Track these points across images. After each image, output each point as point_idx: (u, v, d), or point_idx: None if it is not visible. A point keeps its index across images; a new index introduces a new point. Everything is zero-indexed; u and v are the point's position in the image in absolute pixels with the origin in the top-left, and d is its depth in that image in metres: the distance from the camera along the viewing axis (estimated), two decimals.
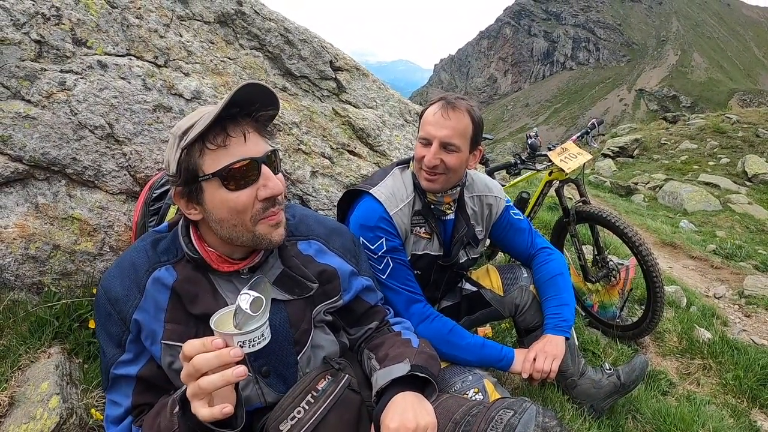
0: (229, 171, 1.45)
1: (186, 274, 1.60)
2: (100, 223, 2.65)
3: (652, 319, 3.77)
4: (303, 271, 1.72)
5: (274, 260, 1.71)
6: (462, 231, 2.55)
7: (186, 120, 1.53)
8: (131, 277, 1.59)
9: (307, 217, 1.92)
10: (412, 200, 2.47)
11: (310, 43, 3.55)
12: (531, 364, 2.31)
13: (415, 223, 2.49)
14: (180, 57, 3.03)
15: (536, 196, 4.48)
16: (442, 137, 2.26)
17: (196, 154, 1.46)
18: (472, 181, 2.66)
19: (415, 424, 1.50)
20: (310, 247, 1.82)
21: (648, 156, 19.73)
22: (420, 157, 2.33)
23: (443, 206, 2.48)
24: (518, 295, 2.69)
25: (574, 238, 4.09)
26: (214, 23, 3.26)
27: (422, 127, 2.35)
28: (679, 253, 7.97)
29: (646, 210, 12.29)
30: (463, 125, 2.30)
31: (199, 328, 1.56)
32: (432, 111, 2.32)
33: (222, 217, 1.51)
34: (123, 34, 2.87)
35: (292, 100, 3.40)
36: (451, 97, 2.35)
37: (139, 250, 1.65)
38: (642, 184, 15.58)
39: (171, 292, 1.58)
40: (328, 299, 1.77)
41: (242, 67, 3.26)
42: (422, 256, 2.53)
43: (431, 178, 2.35)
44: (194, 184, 1.50)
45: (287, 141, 3.21)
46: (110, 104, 2.68)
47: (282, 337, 1.64)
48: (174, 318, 1.56)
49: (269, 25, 3.41)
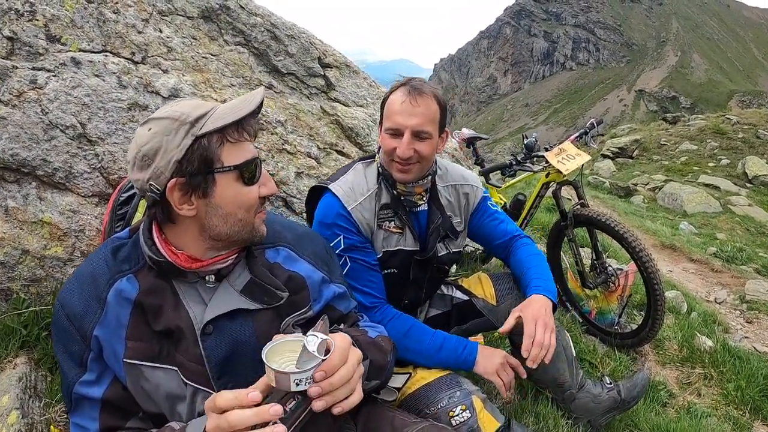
0: (247, 165, 1.47)
1: (149, 284, 1.49)
2: (71, 227, 2.56)
3: (652, 327, 3.64)
4: (271, 279, 1.61)
5: (242, 269, 1.60)
6: (437, 221, 2.40)
7: (190, 108, 1.44)
8: (91, 290, 1.48)
9: (275, 222, 1.79)
10: (375, 193, 2.33)
11: (298, 39, 3.43)
12: (505, 370, 2.21)
13: (383, 218, 2.34)
14: (159, 53, 2.93)
15: (532, 199, 4.35)
16: (413, 126, 2.13)
17: (216, 143, 1.43)
18: (446, 171, 2.53)
19: None
20: (278, 255, 1.71)
21: (648, 157, 19.59)
22: (390, 149, 2.19)
23: (414, 197, 2.33)
24: (513, 304, 2.50)
25: (571, 242, 3.95)
26: (197, 18, 3.16)
27: (388, 117, 2.20)
28: (679, 256, 7.82)
29: (646, 211, 12.15)
30: (432, 111, 2.17)
31: (162, 345, 1.46)
32: (398, 99, 2.17)
33: (230, 211, 1.48)
34: (99, 30, 2.77)
35: (277, 98, 3.29)
36: (415, 82, 2.21)
37: (99, 260, 1.54)
38: (641, 185, 15.45)
39: (133, 306, 1.47)
40: (296, 310, 1.65)
41: (225, 63, 3.15)
42: (396, 252, 2.37)
43: (405, 168, 2.21)
44: (206, 175, 1.43)
45: (271, 141, 3.10)
46: (83, 103, 2.59)
47: (249, 351, 1.51)
48: (135, 335, 1.45)
49: (255, 20, 3.30)
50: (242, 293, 1.54)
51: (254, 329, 1.54)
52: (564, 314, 4.07)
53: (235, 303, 1.51)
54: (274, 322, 1.58)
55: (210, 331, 1.48)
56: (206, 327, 1.47)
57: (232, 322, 1.51)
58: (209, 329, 1.48)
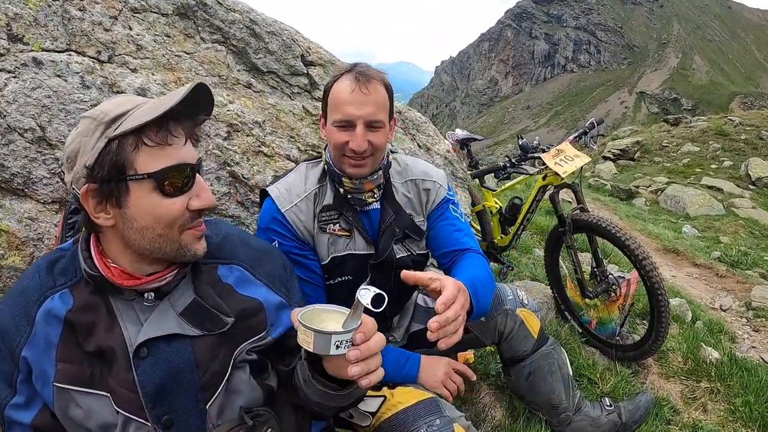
0: (166, 174, 1.30)
1: (83, 300, 1.38)
2: (29, 236, 2.42)
3: (655, 340, 3.44)
4: (217, 302, 1.45)
5: (186, 287, 1.44)
6: (388, 219, 2.18)
7: (113, 105, 1.31)
8: (21, 307, 1.39)
9: (232, 236, 1.64)
10: (314, 194, 2.15)
11: (279, 36, 3.25)
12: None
13: (326, 220, 2.14)
14: (127, 51, 2.76)
15: (529, 203, 4.17)
16: (366, 116, 1.96)
17: (129, 147, 1.28)
18: (406, 166, 2.33)
19: None
20: (231, 274, 1.55)
21: (649, 159, 19.49)
22: (341, 143, 2.00)
23: (364, 194, 2.13)
24: (502, 320, 2.33)
25: (570, 249, 3.76)
26: (172, 15, 2.99)
27: (336, 109, 2.01)
28: (683, 260, 7.66)
29: (648, 214, 12.02)
30: (382, 97, 2.02)
31: (94, 367, 1.35)
32: (346, 88, 1.98)
33: (147, 225, 1.32)
34: (63, 28, 2.62)
35: (256, 97, 3.11)
36: (361, 67, 2.03)
37: (33, 274, 1.45)
38: (643, 188, 15.33)
39: (63, 324, 1.36)
40: (253, 336, 1.50)
41: (200, 62, 2.98)
42: (345, 257, 2.17)
43: (360, 163, 2.03)
44: (118, 183, 1.29)
45: (246, 142, 2.92)
46: (42, 105, 2.44)
47: (186, 381, 1.37)
48: (66, 356, 1.35)
49: (233, 17, 3.12)
50: (182, 315, 1.40)
51: (194, 355, 1.39)
52: (562, 325, 3.89)
53: (171, 326, 1.37)
54: (218, 348, 1.43)
55: (144, 355, 1.34)
56: (140, 350, 1.33)
57: (169, 346, 1.36)
58: (143, 352, 1.34)
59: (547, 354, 2.41)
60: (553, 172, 3.68)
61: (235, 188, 2.88)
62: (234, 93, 3.04)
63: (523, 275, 4.95)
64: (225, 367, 1.43)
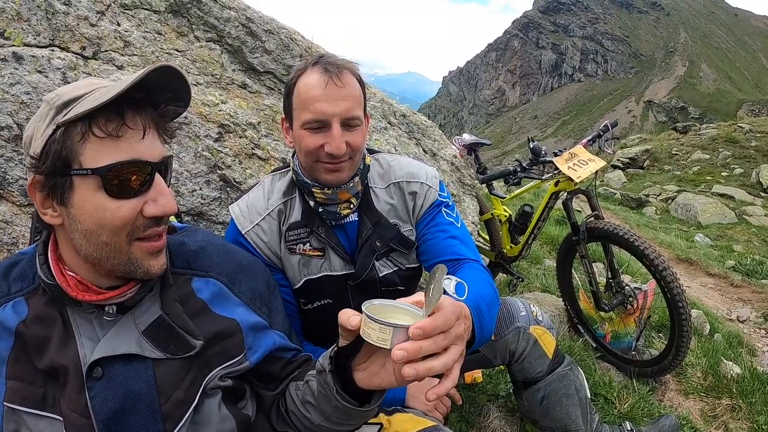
0: (115, 171, 1.11)
1: (37, 311, 1.24)
2: (3, 240, 2.32)
3: (676, 355, 3.26)
4: (185, 322, 1.27)
5: (152, 302, 1.27)
6: (365, 233, 1.91)
7: (70, 88, 1.15)
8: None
9: (212, 245, 1.46)
10: (278, 210, 1.91)
11: (277, 35, 3.11)
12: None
13: (293, 240, 1.89)
14: (114, 48, 2.65)
15: (540, 210, 4.00)
16: (342, 113, 1.70)
17: (76, 137, 1.10)
18: (389, 167, 2.05)
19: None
20: (206, 288, 1.37)
21: (659, 167, 19.39)
22: (314, 147, 1.74)
23: (339, 206, 1.87)
24: (514, 339, 2.11)
25: (584, 258, 3.58)
26: (165, 12, 2.88)
27: (306, 107, 1.73)
28: (697, 270, 7.51)
29: (659, 223, 11.91)
30: (357, 91, 1.76)
31: (47, 386, 1.22)
32: (315, 82, 1.72)
33: (90, 229, 1.14)
34: (47, 23, 2.51)
35: (251, 98, 2.97)
36: (330, 58, 1.77)
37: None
38: (653, 196, 15.22)
39: (14, 337, 1.23)
40: (227, 360, 1.33)
41: (191, 60, 2.85)
42: (321, 279, 1.92)
43: (338, 167, 1.77)
44: (62, 177, 1.12)
45: (239, 144, 2.78)
46: (21, 101, 2.33)
47: (144, 408, 1.21)
48: (17, 373, 1.22)
49: (229, 14, 2.99)
50: (145, 334, 1.23)
51: (154, 380, 1.23)
52: (575, 340, 3.71)
53: (130, 346, 1.21)
54: (185, 373, 1.26)
55: (98, 375, 1.19)
56: (93, 369, 1.18)
57: (127, 368, 1.21)
58: (97, 372, 1.19)
59: (564, 375, 2.21)
60: (567, 177, 3.49)
61: (226, 193, 2.73)
62: (228, 93, 2.89)
63: (534, 287, 4.79)
64: (192, 394, 1.27)
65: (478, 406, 2.75)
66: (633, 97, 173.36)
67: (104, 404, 1.18)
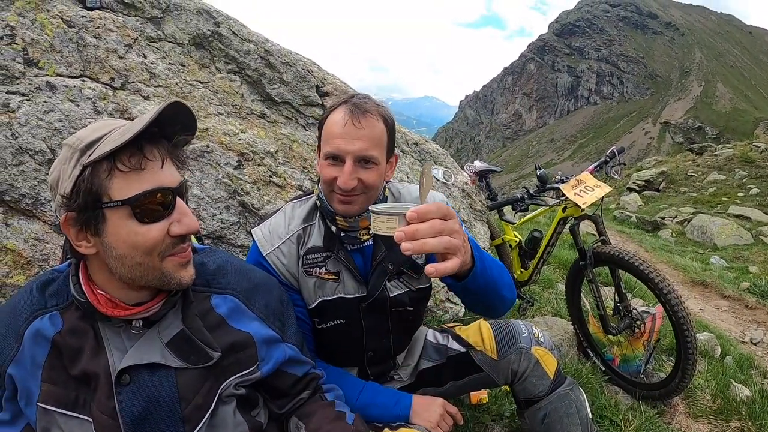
0: (142, 200, 1.24)
1: (71, 324, 1.36)
2: (35, 256, 2.45)
3: (682, 378, 3.27)
4: (205, 335, 1.41)
5: (175, 317, 1.40)
6: (379, 256, 2.02)
7: (89, 131, 1.27)
8: (9, 325, 1.38)
9: (230, 265, 1.59)
10: (297, 236, 2.02)
11: (294, 66, 3.24)
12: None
13: (311, 263, 2.00)
14: (140, 79, 2.78)
15: (549, 236, 4.05)
16: (356, 152, 1.81)
17: (103, 174, 1.22)
18: (399, 195, 2.18)
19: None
20: (224, 304, 1.50)
21: (675, 189, 19.24)
22: (329, 179, 1.86)
23: (359, 232, 1.98)
24: (516, 359, 2.18)
25: (592, 283, 3.62)
26: (188, 45, 3.02)
27: (327, 141, 1.86)
28: (711, 292, 7.44)
29: (675, 246, 11.78)
30: (378, 133, 1.85)
31: (79, 390, 1.33)
32: (338, 120, 1.85)
33: (125, 253, 1.27)
34: (78, 55, 2.66)
35: (270, 127, 3.09)
36: (358, 99, 1.89)
37: (25, 294, 1.43)
38: (669, 219, 15.09)
39: (51, 345, 1.35)
40: (241, 370, 1.46)
41: (213, 91, 2.97)
42: (335, 301, 2.02)
43: (348, 199, 1.87)
44: (94, 211, 1.24)
45: (257, 172, 2.89)
46: (54, 128, 2.48)
47: (166, 411, 1.33)
48: (51, 377, 1.34)
49: (248, 47, 3.13)
50: (168, 346, 1.36)
51: (176, 387, 1.35)
52: (584, 363, 3.73)
53: (155, 356, 1.33)
54: (203, 381, 1.39)
55: (126, 382, 1.31)
56: (122, 376, 1.31)
57: (152, 375, 1.33)
58: (125, 379, 1.31)
59: (564, 395, 2.26)
60: (573, 203, 3.56)
61: (244, 218, 2.84)
62: (247, 122, 3.01)
63: (545, 311, 4.80)
64: (209, 400, 1.39)
65: (482, 425, 2.79)
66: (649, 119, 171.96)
67: (131, 407, 1.30)
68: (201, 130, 2.83)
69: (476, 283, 1.62)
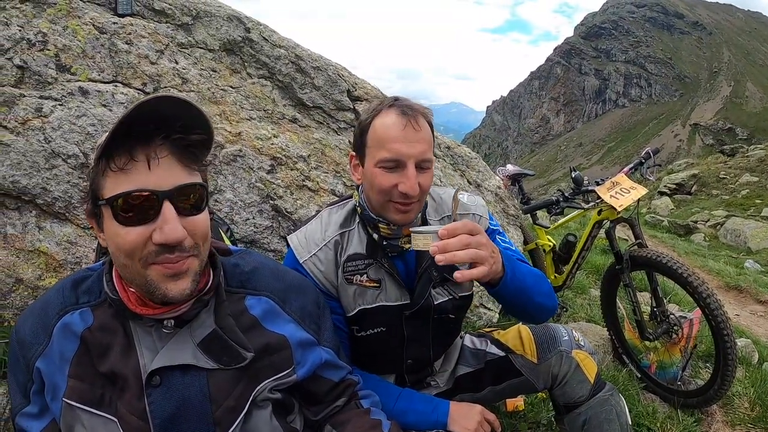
0: (120, 201, 1.18)
1: (102, 321, 1.34)
2: (67, 259, 2.50)
3: (721, 385, 3.17)
4: (237, 335, 1.36)
5: (207, 316, 1.36)
6: (425, 263, 1.96)
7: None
8: (41, 320, 1.37)
9: (265, 267, 1.55)
10: (335, 242, 1.96)
11: (325, 71, 3.25)
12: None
13: (352, 270, 1.95)
14: (172, 84, 2.82)
15: (584, 239, 3.99)
16: (417, 155, 1.75)
17: (100, 173, 1.21)
18: (440, 201, 2.11)
19: None
20: (258, 305, 1.46)
21: (707, 192, 18.95)
22: (388, 187, 1.77)
23: (401, 240, 1.91)
24: (556, 363, 2.13)
25: (628, 288, 3.55)
26: (219, 51, 3.05)
27: (383, 146, 1.78)
28: (746, 297, 7.34)
29: (708, 250, 11.58)
30: (430, 135, 1.81)
31: (105, 388, 1.30)
32: (394, 123, 1.77)
33: (113, 252, 1.25)
34: (110, 60, 2.70)
35: (302, 132, 3.09)
36: (404, 101, 1.84)
37: (57, 290, 1.42)
38: (702, 222, 14.86)
39: (80, 341, 1.33)
40: (276, 373, 1.41)
41: (245, 96, 2.99)
42: (375, 309, 1.97)
43: (408, 208, 1.81)
44: (96, 207, 1.25)
45: (290, 176, 2.90)
46: (86, 132, 2.52)
47: (197, 414, 1.30)
48: (78, 373, 1.31)
49: (279, 52, 3.14)
50: (199, 346, 1.32)
51: (207, 388, 1.32)
52: (620, 370, 3.66)
53: (186, 357, 1.30)
54: (236, 383, 1.35)
55: (157, 383, 1.28)
56: (152, 377, 1.28)
57: (183, 377, 1.30)
58: (156, 380, 1.28)
59: (605, 400, 2.22)
60: (609, 205, 3.49)
61: (277, 222, 2.84)
62: (279, 127, 3.02)
63: (579, 317, 4.73)
64: (242, 403, 1.35)
65: None
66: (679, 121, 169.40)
67: (161, 409, 1.27)
68: (233, 135, 2.85)
69: (508, 290, 1.69)
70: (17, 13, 2.58)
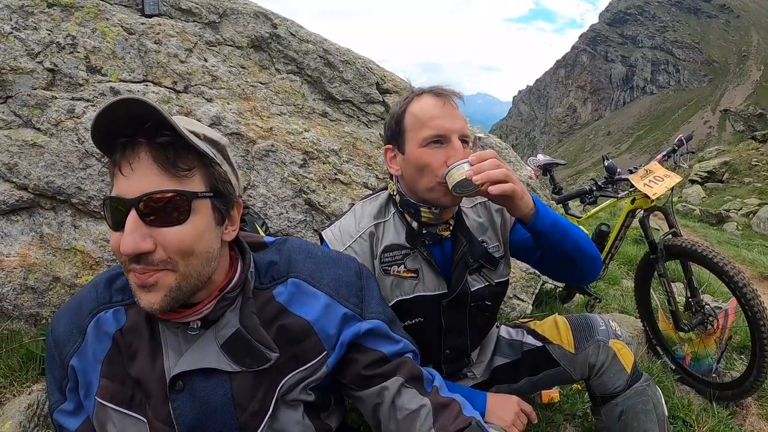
0: (107, 204, 1.16)
1: (134, 322, 1.32)
2: (103, 257, 2.56)
3: (757, 377, 3.10)
4: (261, 334, 1.30)
5: (233, 314, 1.31)
6: (461, 249, 1.94)
7: None
8: (75, 318, 1.36)
9: (297, 251, 1.46)
10: (370, 233, 1.93)
11: (353, 65, 3.25)
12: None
13: (389, 261, 1.92)
14: (203, 82, 2.84)
15: (617, 229, 3.94)
16: (459, 130, 1.75)
17: (110, 171, 1.20)
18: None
19: None
20: (285, 291, 1.38)
21: (739, 180, 18.56)
22: (439, 164, 1.75)
23: (439, 227, 1.90)
24: (593, 352, 2.12)
25: (662, 277, 3.48)
26: (247, 48, 3.07)
27: (425, 125, 1.76)
28: None
29: (740, 239, 11.35)
30: (464, 115, 1.84)
31: (135, 389, 1.29)
32: (431, 104, 1.78)
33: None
34: (140, 60, 2.75)
35: (332, 126, 3.10)
36: (434, 88, 1.84)
37: (91, 287, 1.41)
38: (734, 211, 14.57)
39: (112, 342, 1.32)
40: (302, 364, 1.34)
41: (275, 91, 3.01)
42: (413, 299, 1.94)
43: None
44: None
45: (322, 170, 2.92)
46: None
47: (222, 419, 1.27)
48: (109, 374, 1.31)
49: (307, 47, 3.15)
50: (222, 348, 1.27)
51: (231, 393, 1.28)
52: (654, 361, 3.61)
53: (209, 360, 1.26)
54: (260, 383, 1.31)
55: (180, 388, 1.26)
56: (175, 383, 1.25)
57: (206, 381, 1.27)
58: (179, 386, 1.26)
59: (642, 391, 2.19)
60: (642, 194, 3.43)
61: (311, 216, 2.86)
62: (310, 121, 3.04)
63: (611, 308, 4.68)
64: (266, 404, 1.30)
65: (555, 425, 2.74)
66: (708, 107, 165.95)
67: (186, 415, 1.24)
68: (265, 130, 2.87)
69: (545, 225, 1.75)
70: (45, 18, 2.62)
